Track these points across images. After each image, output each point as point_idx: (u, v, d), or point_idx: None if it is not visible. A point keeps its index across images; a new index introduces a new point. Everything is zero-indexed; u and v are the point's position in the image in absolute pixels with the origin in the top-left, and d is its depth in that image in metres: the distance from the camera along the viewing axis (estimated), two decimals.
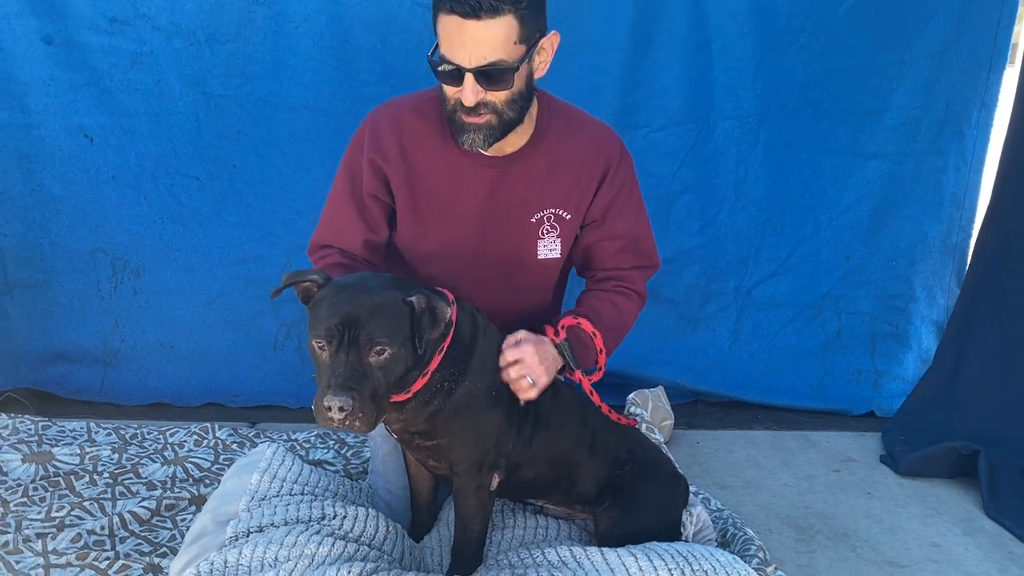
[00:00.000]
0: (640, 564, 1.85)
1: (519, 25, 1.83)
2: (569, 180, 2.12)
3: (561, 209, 2.14)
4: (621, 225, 2.20)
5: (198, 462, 2.76)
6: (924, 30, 3.26)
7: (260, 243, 3.36)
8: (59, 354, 3.41)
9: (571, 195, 2.13)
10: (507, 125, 1.96)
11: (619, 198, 2.17)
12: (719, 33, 3.27)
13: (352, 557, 1.92)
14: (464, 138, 1.97)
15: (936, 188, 3.44)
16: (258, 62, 3.18)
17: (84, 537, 2.23)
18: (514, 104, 1.94)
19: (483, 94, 1.88)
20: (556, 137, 2.11)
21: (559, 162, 2.11)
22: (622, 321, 2.21)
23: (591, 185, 2.14)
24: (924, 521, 2.64)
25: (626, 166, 2.20)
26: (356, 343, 1.69)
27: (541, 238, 2.16)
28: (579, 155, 2.12)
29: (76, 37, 3.11)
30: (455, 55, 1.83)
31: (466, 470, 1.95)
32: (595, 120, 2.24)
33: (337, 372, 1.67)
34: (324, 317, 1.72)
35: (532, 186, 2.11)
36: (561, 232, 2.17)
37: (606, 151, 2.15)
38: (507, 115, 1.94)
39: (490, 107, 1.91)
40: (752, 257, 3.54)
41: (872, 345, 3.59)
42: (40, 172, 3.23)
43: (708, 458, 3.07)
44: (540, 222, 2.15)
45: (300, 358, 3.47)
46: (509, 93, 1.90)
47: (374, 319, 1.70)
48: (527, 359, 1.92)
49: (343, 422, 1.66)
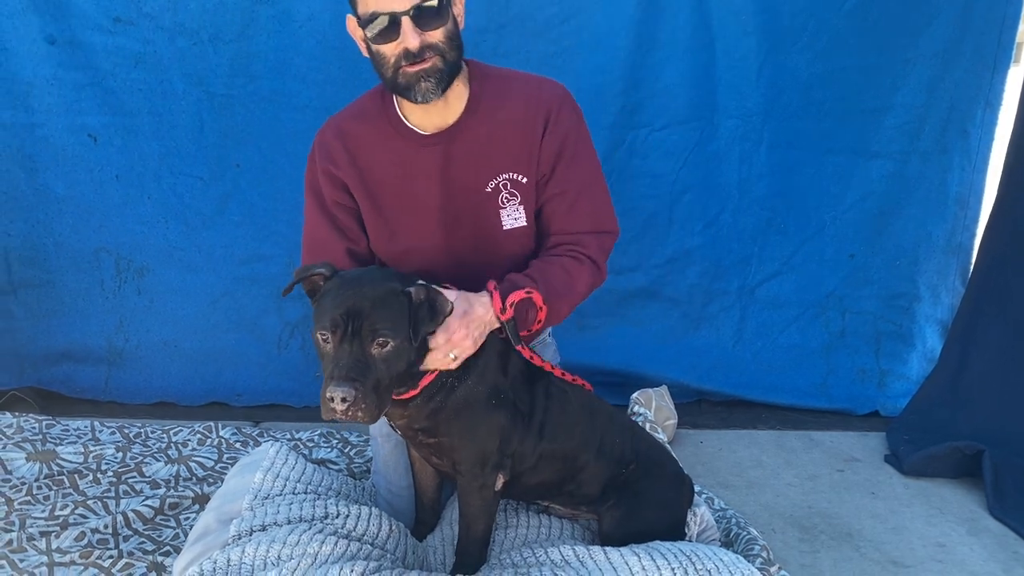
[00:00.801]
0: (643, 563, 1.84)
1: None
2: (514, 141, 2.09)
3: (514, 173, 2.11)
4: (570, 177, 2.13)
5: (202, 461, 2.76)
6: (928, 29, 3.25)
7: (264, 243, 3.37)
8: (63, 353, 3.42)
9: (520, 156, 2.10)
10: (452, 67, 1.95)
11: (566, 147, 2.11)
12: (722, 32, 3.26)
13: (355, 556, 1.92)
14: (417, 89, 1.93)
15: (940, 187, 3.42)
16: (262, 61, 3.18)
17: (88, 535, 2.24)
18: (453, 43, 1.94)
19: (423, 34, 1.88)
20: (492, 101, 2.09)
21: (499, 125, 2.08)
22: (572, 287, 2.09)
23: (535, 138, 2.09)
24: (928, 521, 2.64)
25: (569, 112, 2.13)
26: (359, 335, 1.70)
27: (503, 207, 2.13)
28: (517, 113, 2.09)
29: (80, 37, 3.11)
30: (386, 4, 1.84)
31: (468, 469, 1.95)
32: (532, 76, 2.20)
33: (340, 363, 1.68)
34: (328, 309, 1.73)
35: (478, 155, 2.09)
36: (522, 198, 2.13)
37: (544, 101, 2.10)
38: (449, 55, 1.93)
39: (433, 48, 1.90)
40: (755, 256, 3.54)
41: (876, 344, 3.58)
42: (44, 172, 3.24)
43: (712, 457, 3.07)
44: (497, 191, 2.11)
45: (304, 357, 3.47)
46: (446, 30, 1.91)
47: (376, 311, 1.71)
48: (453, 337, 1.84)
49: (346, 413, 1.66)
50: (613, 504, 2.12)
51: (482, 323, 1.90)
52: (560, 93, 2.14)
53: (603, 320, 3.57)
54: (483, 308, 1.91)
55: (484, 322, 1.91)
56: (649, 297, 3.56)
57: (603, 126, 3.33)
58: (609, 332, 3.57)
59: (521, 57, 3.23)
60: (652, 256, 3.51)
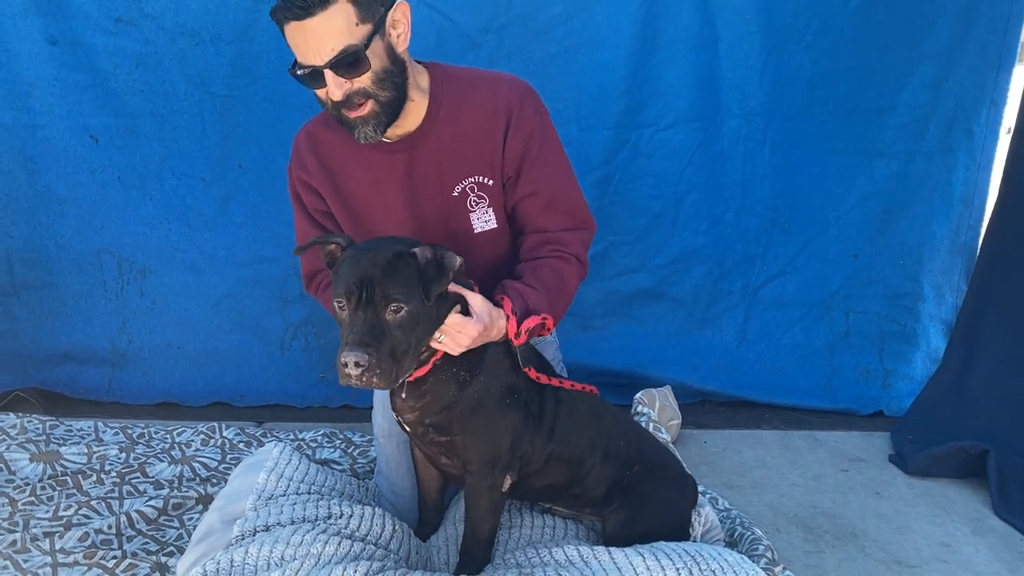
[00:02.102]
0: (647, 563, 1.84)
1: (354, 7, 1.83)
2: (476, 143, 2.08)
3: (480, 176, 2.11)
4: (540, 177, 2.11)
5: (205, 461, 2.76)
6: (932, 28, 3.24)
7: (266, 244, 3.36)
8: (66, 354, 3.42)
9: (482, 158, 2.09)
10: (390, 105, 1.95)
11: (531, 148, 2.09)
12: (726, 31, 3.25)
13: (358, 556, 1.92)
14: (356, 133, 1.96)
15: (945, 187, 3.42)
16: (263, 62, 3.18)
17: (91, 536, 2.23)
18: (384, 83, 1.92)
19: (347, 84, 1.88)
20: (452, 104, 2.07)
21: (462, 128, 2.07)
22: (567, 290, 2.09)
23: (497, 139, 2.08)
24: (933, 521, 2.63)
25: (531, 112, 2.10)
26: (373, 301, 1.71)
27: (472, 211, 2.14)
28: (479, 115, 2.07)
29: (81, 37, 3.11)
30: (307, 58, 1.85)
31: (479, 469, 1.94)
32: (497, 75, 2.16)
33: (355, 329, 1.70)
34: (343, 277, 1.75)
35: (442, 160, 2.09)
36: (491, 201, 2.14)
37: (504, 101, 2.08)
38: (382, 96, 1.93)
39: (361, 93, 1.90)
40: (759, 256, 3.53)
41: (880, 344, 3.57)
42: (45, 173, 3.24)
43: (716, 458, 3.06)
44: (464, 194, 2.12)
45: (307, 358, 3.47)
46: (372, 74, 1.89)
47: (388, 277, 1.72)
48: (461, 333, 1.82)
49: (360, 378, 1.67)
50: (617, 506, 2.11)
51: (488, 340, 1.91)
52: (520, 92, 2.11)
53: (607, 320, 3.56)
54: (497, 331, 1.90)
55: (488, 338, 1.91)
56: (653, 297, 3.55)
57: (606, 126, 3.33)
58: (613, 332, 3.57)
59: (523, 57, 3.23)
60: (656, 256, 3.50)
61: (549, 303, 2.01)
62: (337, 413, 3.41)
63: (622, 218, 3.44)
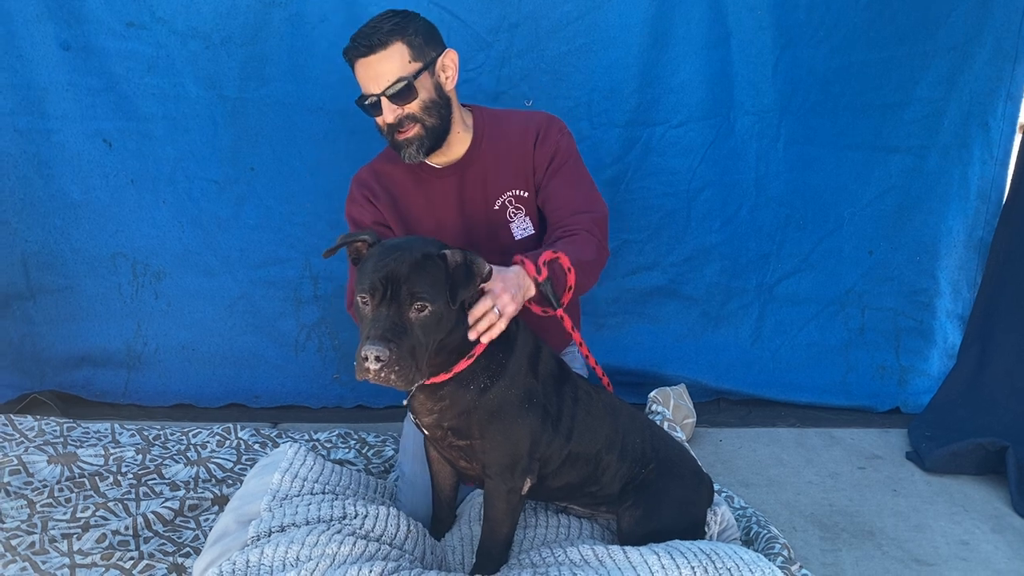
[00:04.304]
0: (663, 562, 1.83)
1: (409, 48, 2.22)
2: (512, 162, 2.43)
3: (516, 189, 2.45)
4: (563, 181, 2.40)
5: (221, 462, 2.77)
6: (947, 21, 3.22)
7: (280, 246, 3.37)
8: (83, 357, 3.44)
9: (518, 174, 2.44)
10: (434, 131, 2.30)
11: (556, 157, 2.42)
12: (738, 27, 3.24)
13: (373, 556, 1.92)
14: (404, 154, 2.31)
15: (961, 181, 3.39)
16: (275, 64, 3.19)
17: (109, 537, 2.25)
18: (431, 111, 2.27)
19: (399, 110, 2.24)
20: (493, 135, 2.45)
21: (500, 152, 2.44)
22: (583, 251, 2.22)
23: (528, 154, 2.43)
24: (952, 519, 2.61)
25: (557, 131, 2.44)
26: (398, 299, 1.73)
27: (511, 221, 2.46)
28: (513, 138, 2.44)
29: (93, 42, 3.12)
30: (369, 88, 2.24)
31: (498, 473, 1.94)
32: (530, 111, 2.56)
33: (377, 324, 1.70)
34: (368, 273, 1.76)
35: (485, 179, 2.44)
36: (527, 210, 2.46)
37: (534, 123, 2.45)
38: (428, 121, 2.28)
39: (411, 118, 2.26)
40: (774, 253, 3.51)
41: (896, 341, 3.55)
42: (60, 178, 3.26)
43: (731, 456, 3.05)
44: (504, 208, 2.45)
45: (321, 359, 3.48)
46: (420, 102, 2.25)
47: (415, 275, 1.73)
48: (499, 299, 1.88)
49: (379, 373, 1.69)
50: (632, 504, 2.11)
51: (517, 285, 1.96)
52: (548, 117, 2.49)
53: (621, 319, 3.56)
54: (514, 273, 1.99)
55: (519, 284, 1.97)
56: (667, 296, 3.54)
57: (618, 124, 3.32)
58: (627, 331, 3.56)
59: (534, 55, 3.22)
60: (670, 254, 3.49)
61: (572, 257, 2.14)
62: (352, 414, 3.41)
63: (634, 216, 3.43)
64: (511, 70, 3.24)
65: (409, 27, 2.22)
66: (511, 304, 1.91)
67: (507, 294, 1.90)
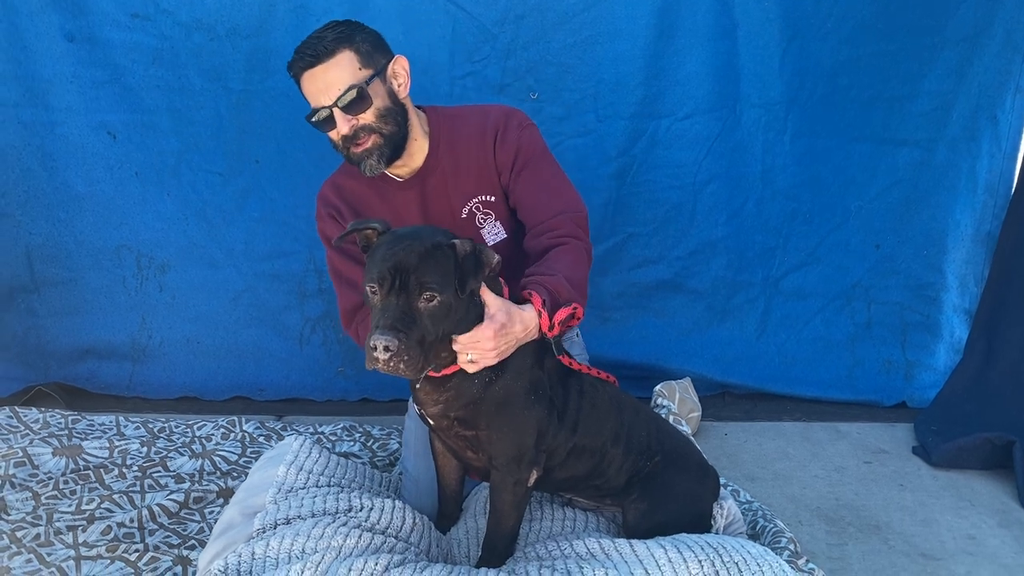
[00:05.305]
0: (669, 555, 1.82)
1: (357, 56, 2.12)
2: (474, 167, 2.31)
3: (483, 195, 2.34)
4: (533, 179, 2.28)
5: (225, 455, 2.77)
6: (956, 13, 3.19)
7: (284, 239, 3.37)
8: (87, 350, 3.44)
9: (482, 179, 2.32)
10: (392, 139, 2.18)
11: (519, 156, 2.28)
12: (745, 19, 3.22)
13: (379, 549, 1.92)
14: (364, 166, 2.19)
15: (969, 175, 3.37)
16: (280, 56, 3.17)
17: (114, 530, 2.25)
18: (386, 118, 2.16)
19: (353, 120, 2.13)
20: (449, 139, 2.32)
21: (459, 157, 2.32)
22: (585, 271, 2.17)
23: (488, 157, 2.30)
24: (958, 513, 2.60)
25: (516, 127, 2.30)
26: (407, 288, 1.72)
27: (481, 227, 2.35)
28: (471, 141, 2.31)
29: (98, 33, 3.11)
30: (319, 101, 2.13)
31: (505, 464, 1.94)
32: (486, 106, 2.40)
33: (387, 314, 1.70)
34: (378, 262, 1.76)
35: (447, 188, 2.33)
36: (497, 215, 2.36)
37: (491, 121, 2.31)
38: (385, 129, 2.17)
39: (366, 129, 2.14)
40: (780, 247, 3.50)
41: (903, 335, 3.53)
42: (64, 170, 3.26)
43: (737, 450, 3.04)
44: (472, 215, 2.35)
45: (325, 352, 3.48)
46: (375, 110, 2.14)
47: (424, 265, 1.73)
48: (479, 344, 1.82)
49: (387, 363, 1.68)
50: (638, 496, 2.11)
51: (515, 339, 1.89)
52: (505, 112, 2.34)
53: (626, 313, 3.54)
54: (522, 326, 1.89)
55: (518, 339, 1.90)
56: (673, 289, 3.53)
57: (624, 116, 3.31)
58: (632, 325, 3.55)
59: (540, 48, 3.21)
60: (675, 248, 3.48)
61: (568, 284, 2.04)
62: (356, 407, 3.41)
63: (640, 209, 3.42)
64: (517, 62, 3.22)
65: (356, 35, 2.14)
66: (492, 359, 1.84)
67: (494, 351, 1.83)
